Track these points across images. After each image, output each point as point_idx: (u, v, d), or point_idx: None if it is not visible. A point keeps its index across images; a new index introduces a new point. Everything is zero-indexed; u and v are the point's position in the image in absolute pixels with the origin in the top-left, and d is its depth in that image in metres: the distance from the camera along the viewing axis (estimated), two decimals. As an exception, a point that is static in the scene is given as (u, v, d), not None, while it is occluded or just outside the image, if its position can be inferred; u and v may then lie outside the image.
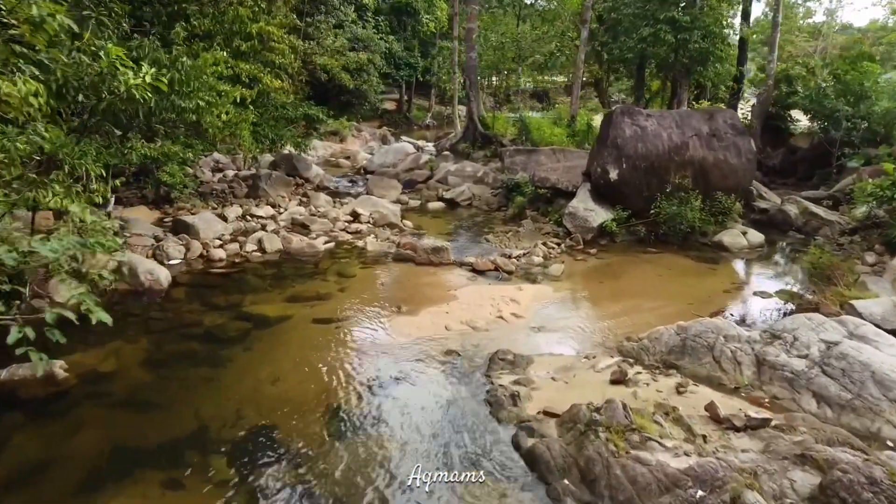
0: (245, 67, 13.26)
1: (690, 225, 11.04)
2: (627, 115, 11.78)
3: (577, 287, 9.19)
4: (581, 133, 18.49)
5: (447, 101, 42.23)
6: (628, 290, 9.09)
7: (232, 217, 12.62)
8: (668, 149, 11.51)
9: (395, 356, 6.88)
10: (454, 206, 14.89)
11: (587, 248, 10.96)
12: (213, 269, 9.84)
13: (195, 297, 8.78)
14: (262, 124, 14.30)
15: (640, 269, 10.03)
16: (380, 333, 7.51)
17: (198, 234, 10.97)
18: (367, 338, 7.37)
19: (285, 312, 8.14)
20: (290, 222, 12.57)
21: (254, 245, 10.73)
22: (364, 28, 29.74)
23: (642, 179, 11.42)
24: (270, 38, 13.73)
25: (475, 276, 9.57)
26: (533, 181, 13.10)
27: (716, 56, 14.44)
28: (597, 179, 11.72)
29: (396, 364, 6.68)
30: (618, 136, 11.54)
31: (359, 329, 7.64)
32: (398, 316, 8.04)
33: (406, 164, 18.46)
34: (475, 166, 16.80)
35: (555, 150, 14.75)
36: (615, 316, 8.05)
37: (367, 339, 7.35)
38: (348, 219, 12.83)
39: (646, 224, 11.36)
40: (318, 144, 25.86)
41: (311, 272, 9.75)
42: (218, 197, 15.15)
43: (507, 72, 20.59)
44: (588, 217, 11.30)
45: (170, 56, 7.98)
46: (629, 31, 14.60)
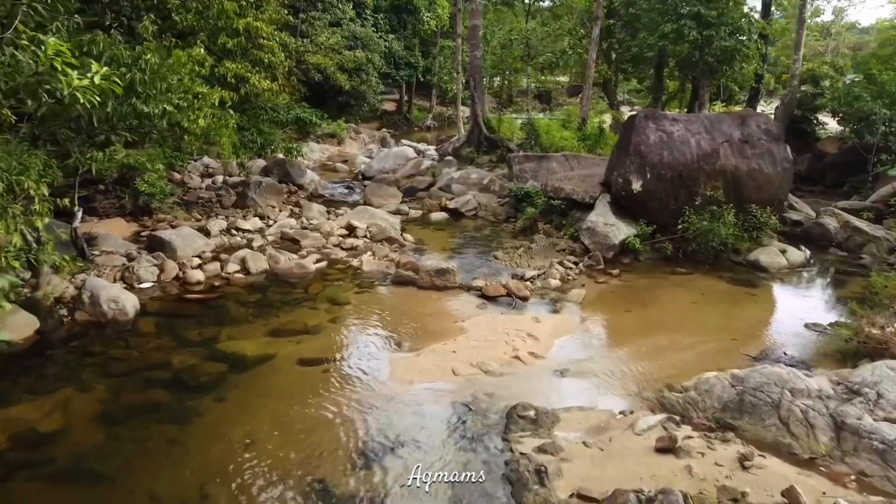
0: (231, 67, 12.18)
1: (723, 242, 9.92)
2: (652, 119, 10.65)
3: (601, 317, 8.06)
4: (592, 137, 17.38)
5: (448, 102, 41.12)
6: (660, 321, 7.96)
7: (215, 231, 11.50)
8: (697, 157, 10.39)
9: (393, 411, 5.76)
10: (458, 217, 13.76)
11: (608, 268, 9.83)
12: (189, 293, 8.71)
13: (165, 329, 7.66)
14: (250, 128, 13.20)
15: (670, 295, 8.90)
16: (376, 379, 6.39)
17: (175, 253, 9.85)
18: (360, 386, 6.25)
19: (267, 350, 7.02)
20: (279, 237, 11.45)
21: (236, 265, 9.61)
22: (363, 26, 28.65)
23: (669, 191, 10.29)
24: (259, 35, 12.61)
25: (485, 302, 8.44)
26: (545, 191, 11.98)
27: (742, 55, 13.32)
28: (617, 190, 10.59)
29: (395, 423, 5.55)
30: (641, 143, 10.41)
31: (351, 373, 6.51)
32: (398, 355, 6.92)
33: (406, 170, 17.34)
34: (480, 173, 15.68)
35: (567, 157, 13.63)
36: (650, 356, 6.92)
37: (360, 387, 6.22)
38: (343, 233, 11.71)
39: (673, 241, 10.23)
40: (315, 147, 24.77)
41: (299, 298, 8.63)
42: (203, 206, 14.04)
43: (514, 72, 19.44)
44: (608, 233, 10.18)
45: (132, 53, 6.84)
46: (649, 28, 13.49)
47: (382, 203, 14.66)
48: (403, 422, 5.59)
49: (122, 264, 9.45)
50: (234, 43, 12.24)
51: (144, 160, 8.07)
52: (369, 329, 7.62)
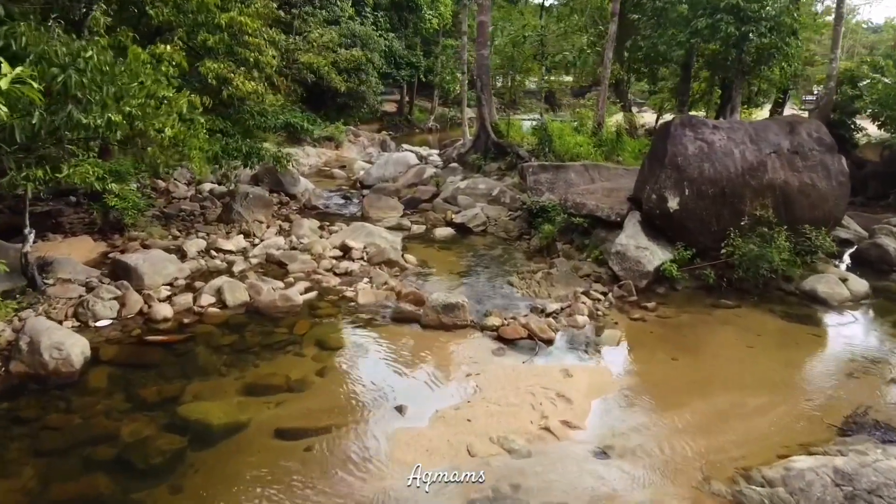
0: (212, 66, 10.86)
1: (773, 269, 8.59)
2: (689, 127, 9.31)
3: (644, 368, 6.72)
4: (609, 143, 16.03)
5: (450, 103, 39.81)
6: (715, 373, 6.62)
7: (193, 251, 10.17)
8: (742, 170, 9.06)
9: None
10: (466, 233, 12.43)
11: (643, 300, 8.49)
12: (153, 334, 7.38)
13: (119, 384, 6.34)
14: (234, 135, 11.87)
15: (719, 335, 7.56)
16: (371, 462, 5.05)
17: (141, 281, 8.53)
18: (349, 474, 4.91)
19: (238, 416, 5.69)
20: (264, 259, 10.12)
21: (212, 296, 8.27)
22: (362, 24, 27.33)
23: (710, 209, 8.96)
24: (244, 32, 11.28)
25: (502, 347, 7.10)
26: (565, 206, 10.64)
27: (782, 53, 11.98)
28: (651, 208, 9.25)
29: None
30: (678, 154, 9.08)
31: (340, 453, 5.18)
32: (399, 424, 5.59)
33: (408, 179, 16.01)
34: (489, 182, 14.34)
35: (587, 167, 12.30)
36: (711, 425, 5.59)
37: (349, 476, 4.88)
38: (337, 254, 10.37)
39: (715, 267, 8.90)
40: (311, 152, 23.42)
41: (282, 340, 7.29)
42: (184, 220, 12.71)
43: (525, 72, 18.14)
44: (641, 258, 8.84)
45: (68, 50, 5.50)
46: (678, 23, 12.18)
47: (382, 217, 13.34)
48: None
49: (78, 296, 8.12)
50: (216, 40, 10.92)
51: (91, 178, 6.70)
52: (364, 385, 6.29)
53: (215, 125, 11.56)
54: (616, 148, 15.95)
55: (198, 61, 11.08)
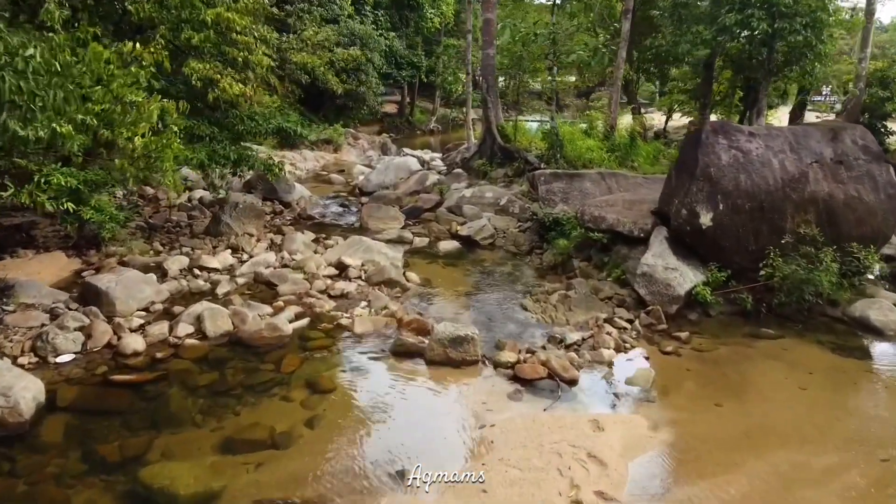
0: (197, 67, 9.97)
1: (818, 293, 7.68)
2: (722, 133, 8.40)
3: (684, 418, 5.79)
4: (622, 147, 15.11)
5: (452, 104, 38.92)
6: (767, 422, 5.70)
7: (174, 270, 9.27)
8: (782, 182, 8.14)
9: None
10: (472, 247, 11.51)
11: (674, 329, 7.58)
12: (121, 372, 6.46)
13: (75, 438, 5.43)
14: (222, 141, 10.97)
15: (764, 373, 6.65)
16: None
17: (113, 307, 7.63)
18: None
19: (211, 484, 4.78)
20: (252, 278, 9.21)
21: (190, 325, 7.36)
22: (362, 23, 26.46)
23: (747, 226, 8.04)
24: (232, 29, 10.38)
25: (519, 389, 6.19)
26: (581, 219, 9.73)
27: (816, 52, 11.06)
28: (680, 224, 8.34)
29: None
30: (710, 164, 8.16)
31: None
32: (399, 496, 4.68)
33: (409, 186, 15.10)
34: (496, 191, 13.43)
35: (603, 175, 11.39)
36: (773, 495, 4.67)
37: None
38: (332, 272, 9.46)
39: (752, 290, 7.99)
40: (309, 155, 22.59)
41: (267, 380, 6.38)
42: (170, 233, 11.81)
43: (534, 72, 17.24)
44: (670, 280, 7.93)
45: (4, 48, 4.59)
46: (702, 20, 11.27)
47: (381, 228, 12.44)
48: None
49: (40, 325, 7.23)
50: (201, 38, 10.00)
51: (67, 185, 5.82)
52: (359, 441, 5.37)
53: (201, 130, 10.67)
54: (630, 153, 15.05)
55: (183, 61, 10.22)
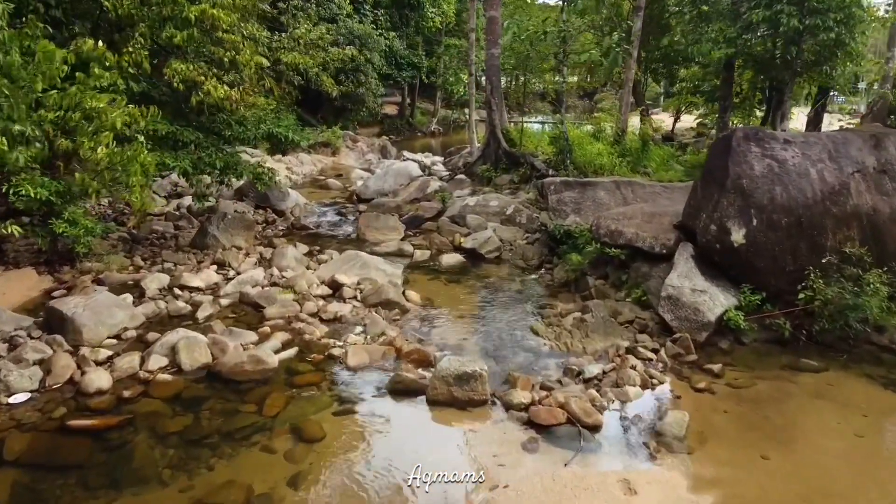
0: (180, 68, 9.21)
1: (864, 318, 6.89)
2: (754, 140, 7.61)
3: (727, 475, 4.98)
4: (634, 152, 14.32)
5: (454, 105, 38.16)
6: (824, 481, 4.91)
7: (153, 289, 8.50)
8: (822, 195, 7.36)
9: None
10: (477, 260, 10.73)
11: (704, 360, 6.79)
12: (81, 415, 5.69)
13: (21, 501, 4.66)
14: (208, 147, 10.20)
15: (813, 416, 5.86)
16: None
17: (80, 335, 6.87)
18: None
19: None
20: (237, 299, 8.43)
21: (164, 357, 6.58)
22: (361, 22, 25.70)
23: (784, 244, 7.25)
24: (217, 27, 9.60)
25: (535, 438, 5.39)
26: (596, 233, 8.94)
27: (847, 50, 10.27)
28: (708, 241, 7.55)
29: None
30: (743, 176, 7.38)
31: None
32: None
33: (409, 193, 14.32)
34: (502, 199, 12.64)
35: (618, 184, 10.59)
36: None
37: None
38: (325, 292, 8.68)
39: (790, 315, 7.20)
40: (306, 159, 21.84)
41: (247, 426, 5.58)
42: (153, 245, 11.04)
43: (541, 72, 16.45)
44: (699, 304, 7.14)
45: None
46: (725, 17, 10.47)
47: (379, 240, 11.66)
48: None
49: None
50: (184, 37, 9.23)
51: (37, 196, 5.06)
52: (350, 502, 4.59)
53: (185, 136, 9.91)
54: (642, 158, 14.26)
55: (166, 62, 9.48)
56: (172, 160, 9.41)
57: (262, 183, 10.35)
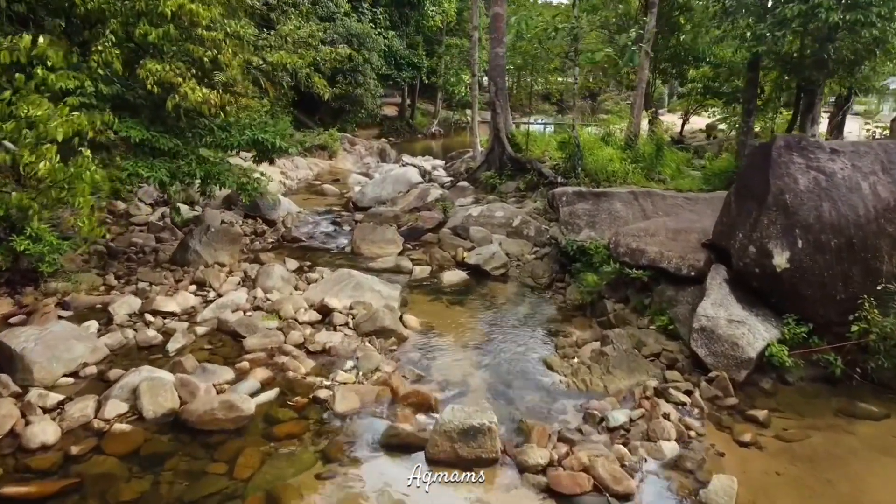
0: (154, 69, 8.33)
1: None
2: (797, 150, 6.73)
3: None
4: (647, 158, 13.42)
5: (455, 106, 37.27)
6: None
7: (121, 315, 7.63)
8: (875, 212, 6.47)
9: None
10: (481, 278, 9.85)
11: (746, 405, 5.92)
12: (18, 479, 4.82)
13: None
14: (187, 155, 9.32)
15: (881, 477, 4.97)
16: None
17: (30, 374, 6.02)
18: None
19: None
20: (215, 326, 7.55)
21: (123, 402, 5.70)
22: (359, 21, 24.84)
23: (834, 268, 6.36)
24: (197, 23, 8.73)
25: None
26: (615, 252, 8.06)
27: (884, 48, 9.38)
28: (746, 266, 6.67)
29: None
30: (785, 190, 6.49)
31: None
32: None
33: (409, 201, 13.44)
34: (508, 209, 11.76)
35: (636, 195, 9.71)
36: None
37: None
38: (313, 317, 7.79)
39: (841, 350, 6.31)
40: (301, 163, 20.97)
41: (215, 492, 4.70)
42: (130, 261, 10.18)
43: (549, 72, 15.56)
44: (737, 338, 6.25)
45: None
46: (753, 12, 9.60)
47: (376, 254, 10.78)
48: None
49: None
50: (159, 34, 8.35)
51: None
52: None
53: (161, 143, 9.03)
54: (656, 164, 13.36)
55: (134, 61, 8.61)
56: (147, 170, 8.53)
57: (246, 194, 9.45)
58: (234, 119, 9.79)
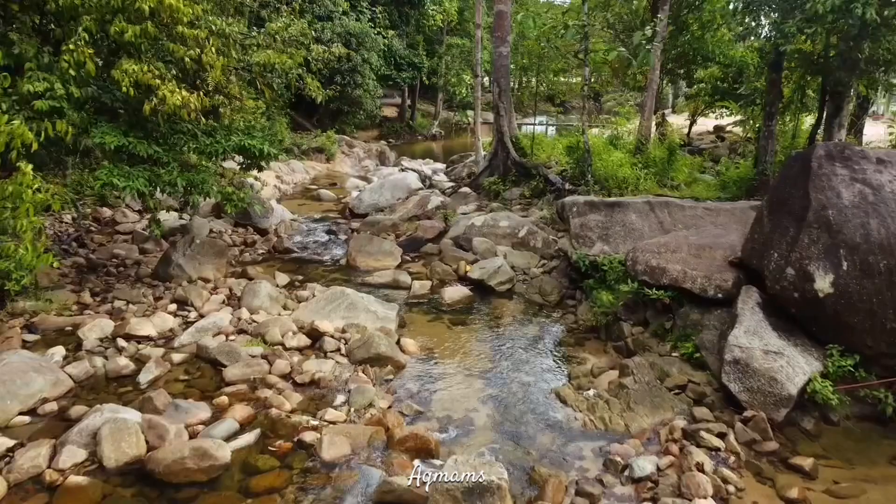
0: (131, 70, 7.67)
1: None
2: (840, 160, 6.04)
3: None
4: (659, 163, 12.74)
5: (456, 107, 36.59)
6: None
7: (91, 341, 6.94)
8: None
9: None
10: (485, 294, 9.16)
11: (787, 450, 5.23)
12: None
13: None
14: (168, 163, 8.64)
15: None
16: None
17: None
18: None
19: None
20: (193, 353, 6.86)
21: (82, 447, 5.01)
22: (358, 20, 24.19)
23: (884, 294, 5.66)
24: (177, 20, 8.05)
25: (578, 591, 3.84)
26: (633, 270, 7.37)
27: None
28: (783, 289, 5.98)
29: None
30: (827, 205, 5.80)
31: None
32: None
33: (408, 209, 12.76)
34: (513, 219, 11.06)
35: (652, 205, 9.01)
36: None
37: None
38: (301, 342, 7.09)
39: (892, 386, 5.62)
40: (297, 167, 20.29)
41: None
42: (109, 275, 9.50)
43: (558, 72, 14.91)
44: (775, 372, 5.56)
45: None
46: (782, 8, 8.91)
47: (372, 267, 10.10)
48: None
49: None
50: (136, 32, 7.68)
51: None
52: None
53: (140, 150, 8.35)
54: (668, 169, 12.68)
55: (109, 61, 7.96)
56: (123, 179, 7.85)
57: (231, 205, 8.77)
58: (227, 122, 9.13)
